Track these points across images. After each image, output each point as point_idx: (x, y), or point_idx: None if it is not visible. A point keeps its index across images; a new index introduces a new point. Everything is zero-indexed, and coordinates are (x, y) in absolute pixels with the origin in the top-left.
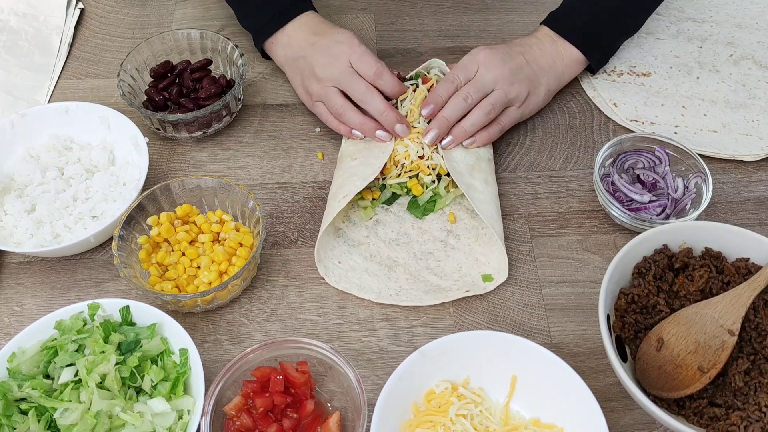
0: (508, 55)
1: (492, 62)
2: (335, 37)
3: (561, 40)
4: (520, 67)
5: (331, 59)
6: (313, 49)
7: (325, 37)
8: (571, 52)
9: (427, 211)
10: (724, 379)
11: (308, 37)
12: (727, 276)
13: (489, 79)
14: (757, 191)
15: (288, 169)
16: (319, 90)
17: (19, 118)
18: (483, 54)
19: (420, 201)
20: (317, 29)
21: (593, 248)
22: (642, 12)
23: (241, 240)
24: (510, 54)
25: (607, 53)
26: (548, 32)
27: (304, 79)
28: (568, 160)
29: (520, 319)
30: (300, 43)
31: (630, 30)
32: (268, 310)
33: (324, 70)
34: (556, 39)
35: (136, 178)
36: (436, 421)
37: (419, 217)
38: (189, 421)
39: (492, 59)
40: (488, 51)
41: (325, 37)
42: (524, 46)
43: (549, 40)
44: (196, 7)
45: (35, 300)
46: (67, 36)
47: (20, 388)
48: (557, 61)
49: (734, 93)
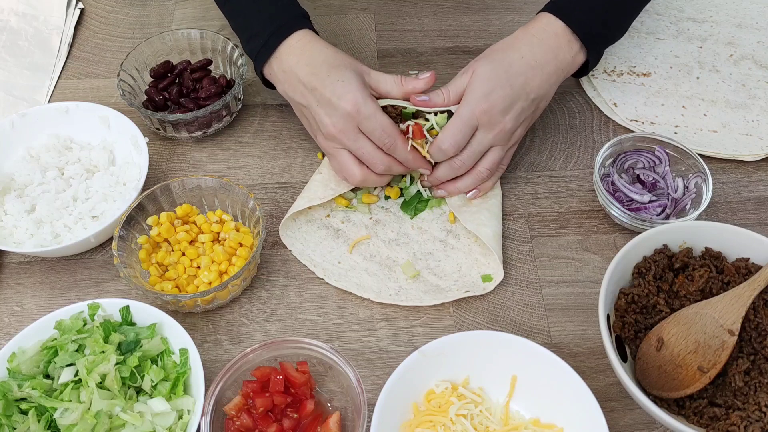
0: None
1: (492, 121)
2: (336, 90)
3: (574, 40)
4: (522, 111)
5: (334, 122)
6: (314, 99)
7: (326, 84)
8: (577, 59)
9: (418, 210)
10: (724, 379)
11: (306, 79)
12: (727, 276)
13: (487, 142)
14: (757, 191)
15: (288, 169)
16: (331, 150)
17: (19, 118)
18: (481, 107)
19: (407, 196)
20: (314, 66)
21: (593, 248)
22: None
23: (241, 240)
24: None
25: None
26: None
27: (313, 130)
28: (568, 160)
29: (520, 319)
30: (298, 86)
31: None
32: (268, 310)
33: (330, 132)
34: (570, 39)
35: (136, 178)
36: (436, 421)
37: (411, 217)
38: (189, 421)
39: (492, 116)
40: (486, 104)
41: (325, 84)
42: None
43: (563, 38)
44: (196, 7)
45: (35, 300)
46: (67, 36)
47: (20, 388)
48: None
49: (734, 93)
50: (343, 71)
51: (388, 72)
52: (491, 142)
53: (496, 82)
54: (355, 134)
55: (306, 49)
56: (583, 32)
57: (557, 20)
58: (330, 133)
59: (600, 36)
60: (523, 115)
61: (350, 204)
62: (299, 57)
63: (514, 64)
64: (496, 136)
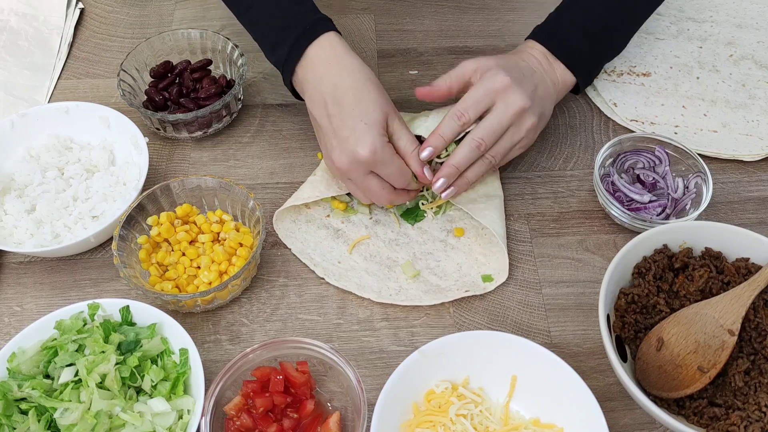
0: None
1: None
2: (357, 131)
3: (556, 62)
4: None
5: (347, 162)
6: (329, 128)
7: (346, 120)
8: (565, 77)
9: (419, 217)
10: (724, 379)
11: (328, 101)
12: (727, 276)
13: (506, 121)
14: (757, 191)
15: (288, 169)
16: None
17: (19, 118)
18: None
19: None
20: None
21: (593, 248)
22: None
23: (241, 240)
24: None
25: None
26: (541, 50)
27: (324, 150)
28: (568, 160)
29: (520, 319)
30: (319, 103)
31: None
32: (268, 310)
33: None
34: (551, 60)
35: (136, 178)
36: (436, 421)
37: (412, 224)
38: (189, 421)
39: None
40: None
41: (345, 119)
42: (535, 72)
43: (545, 60)
44: (196, 7)
45: (35, 300)
46: (67, 36)
47: (20, 388)
48: (555, 86)
49: (734, 93)
50: (368, 110)
51: (388, 73)
52: (509, 121)
53: (510, 67)
54: (364, 174)
55: (334, 60)
56: (567, 55)
57: (540, 45)
58: (339, 168)
59: (586, 56)
60: (536, 104)
61: (349, 207)
62: (327, 67)
63: (519, 63)
64: (513, 114)
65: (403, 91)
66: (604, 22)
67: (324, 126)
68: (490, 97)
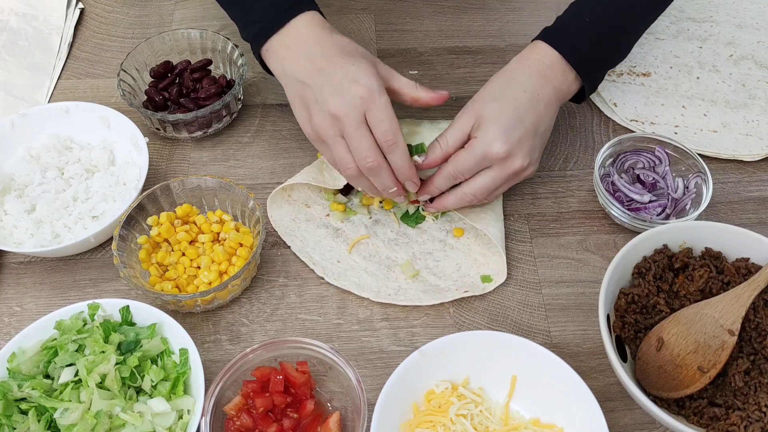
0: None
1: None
2: (350, 73)
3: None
4: (533, 148)
5: (343, 104)
6: (320, 79)
7: (337, 66)
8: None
9: (419, 219)
10: (724, 379)
11: (314, 58)
12: (727, 276)
13: (500, 182)
14: (757, 191)
15: (288, 169)
16: (326, 135)
17: (19, 118)
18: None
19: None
20: (325, 47)
21: (593, 248)
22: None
23: (241, 240)
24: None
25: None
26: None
27: (310, 112)
28: (568, 160)
29: (520, 319)
30: (303, 63)
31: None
32: (268, 310)
33: (332, 113)
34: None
35: (136, 178)
36: (436, 421)
37: (412, 227)
38: (189, 421)
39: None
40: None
41: (336, 66)
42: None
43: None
44: (196, 7)
45: (35, 300)
46: (67, 36)
47: (20, 388)
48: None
49: (734, 93)
50: (356, 56)
51: None
52: (504, 182)
53: (508, 122)
54: (359, 122)
55: (313, 31)
56: (577, 60)
57: (552, 49)
58: (334, 114)
59: (595, 62)
60: (535, 152)
61: (348, 208)
62: (306, 37)
63: (520, 100)
64: (511, 176)
65: None
66: (613, 26)
67: (311, 81)
68: (487, 163)
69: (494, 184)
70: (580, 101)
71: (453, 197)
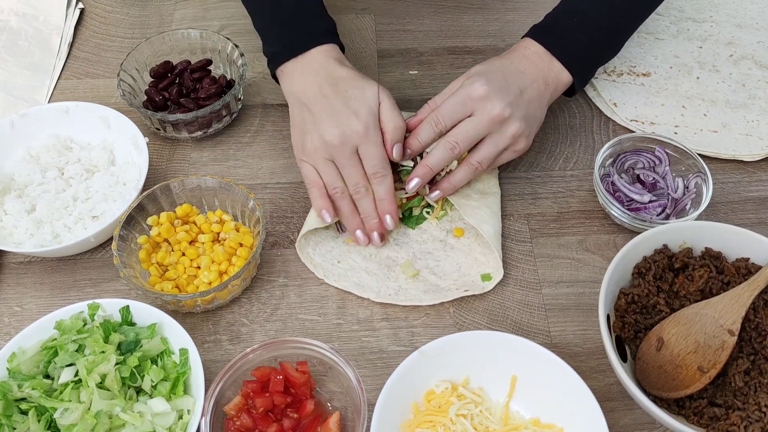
0: (504, 88)
1: (488, 107)
2: (351, 105)
3: (553, 60)
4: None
5: (338, 134)
6: (322, 105)
7: (340, 93)
8: (561, 76)
9: (420, 220)
10: (724, 379)
11: (322, 84)
12: (727, 276)
13: (482, 128)
14: (757, 191)
15: (288, 169)
16: (315, 156)
17: (19, 118)
18: (477, 91)
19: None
20: (334, 76)
21: (593, 248)
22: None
23: (241, 240)
24: (507, 89)
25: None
26: (537, 48)
27: (306, 133)
28: (568, 160)
29: (520, 319)
30: (311, 87)
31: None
32: (268, 310)
33: (326, 140)
34: (547, 59)
35: (136, 178)
36: (436, 421)
37: (412, 228)
38: (189, 421)
39: (489, 101)
40: (484, 89)
41: (339, 93)
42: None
43: (539, 59)
44: (196, 7)
45: (35, 300)
46: (67, 36)
47: (20, 388)
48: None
49: (734, 93)
50: (363, 89)
51: (388, 73)
52: (487, 129)
53: (492, 74)
54: (351, 152)
55: (328, 62)
56: (564, 56)
57: (538, 45)
58: (328, 141)
59: (583, 58)
60: (520, 109)
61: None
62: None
63: (507, 66)
64: (491, 122)
65: (403, 91)
66: (603, 21)
67: (314, 107)
68: (467, 106)
69: (476, 131)
70: (571, 95)
71: (438, 151)
